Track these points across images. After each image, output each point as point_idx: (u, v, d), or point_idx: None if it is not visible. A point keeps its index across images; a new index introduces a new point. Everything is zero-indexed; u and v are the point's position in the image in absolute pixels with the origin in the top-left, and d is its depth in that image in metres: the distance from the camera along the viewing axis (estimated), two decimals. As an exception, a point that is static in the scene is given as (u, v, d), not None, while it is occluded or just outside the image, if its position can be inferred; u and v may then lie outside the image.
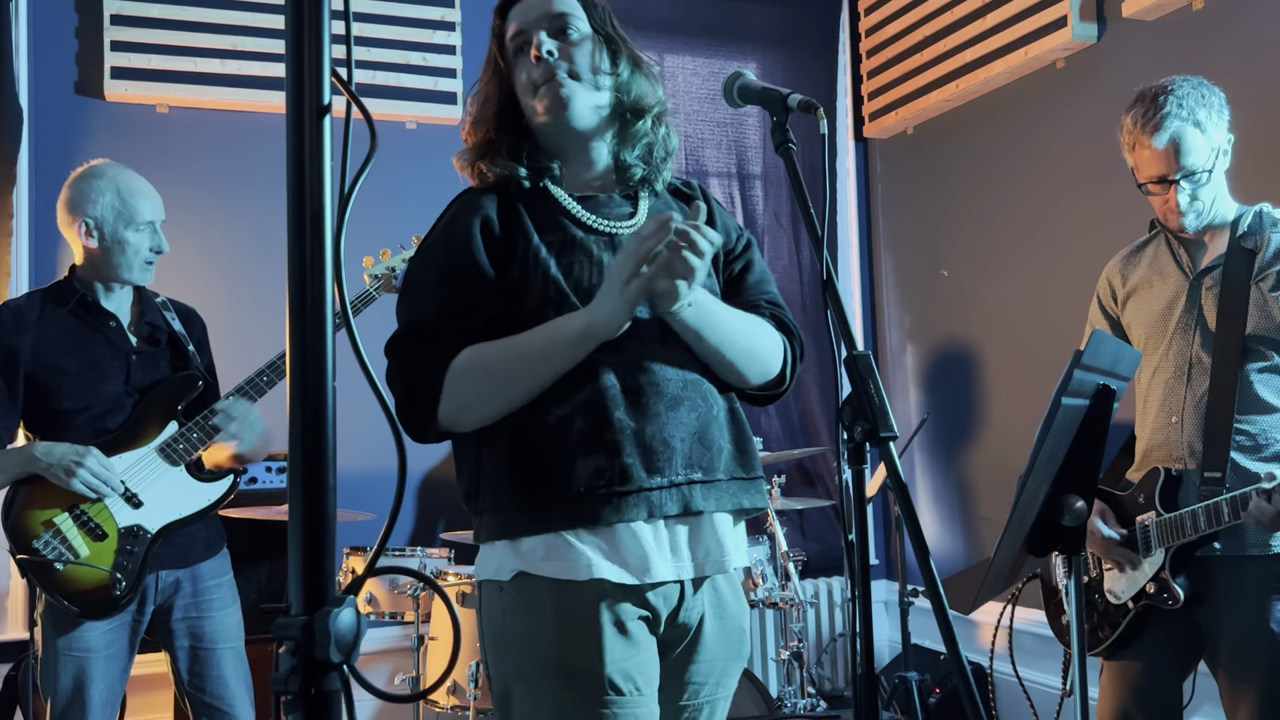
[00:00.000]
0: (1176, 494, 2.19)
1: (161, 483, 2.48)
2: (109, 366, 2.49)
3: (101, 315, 2.53)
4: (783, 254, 4.59)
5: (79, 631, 2.40)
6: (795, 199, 2.75)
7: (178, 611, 2.54)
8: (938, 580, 1.20)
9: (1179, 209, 2.17)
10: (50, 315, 2.49)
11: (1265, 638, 2.09)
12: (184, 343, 2.61)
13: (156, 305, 2.63)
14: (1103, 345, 1.68)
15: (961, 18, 3.98)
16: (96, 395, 2.47)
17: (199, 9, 3.70)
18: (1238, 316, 2.13)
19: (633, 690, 1.44)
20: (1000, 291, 3.99)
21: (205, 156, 3.73)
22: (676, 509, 1.48)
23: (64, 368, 2.45)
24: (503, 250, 1.53)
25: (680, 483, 1.48)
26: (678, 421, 1.49)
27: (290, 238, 0.84)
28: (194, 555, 2.56)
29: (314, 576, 0.82)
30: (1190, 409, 2.19)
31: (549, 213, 1.56)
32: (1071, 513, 1.68)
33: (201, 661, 2.54)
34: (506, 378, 1.46)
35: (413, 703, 3.32)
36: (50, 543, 2.37)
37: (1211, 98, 2.15)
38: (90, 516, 2.41)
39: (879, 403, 1.24)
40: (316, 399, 0.84)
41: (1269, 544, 2.11)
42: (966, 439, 4.23)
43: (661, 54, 4.47)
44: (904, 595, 3.62)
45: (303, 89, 0.84)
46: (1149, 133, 2.14)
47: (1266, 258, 2.14)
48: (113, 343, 2.52)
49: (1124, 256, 2.40)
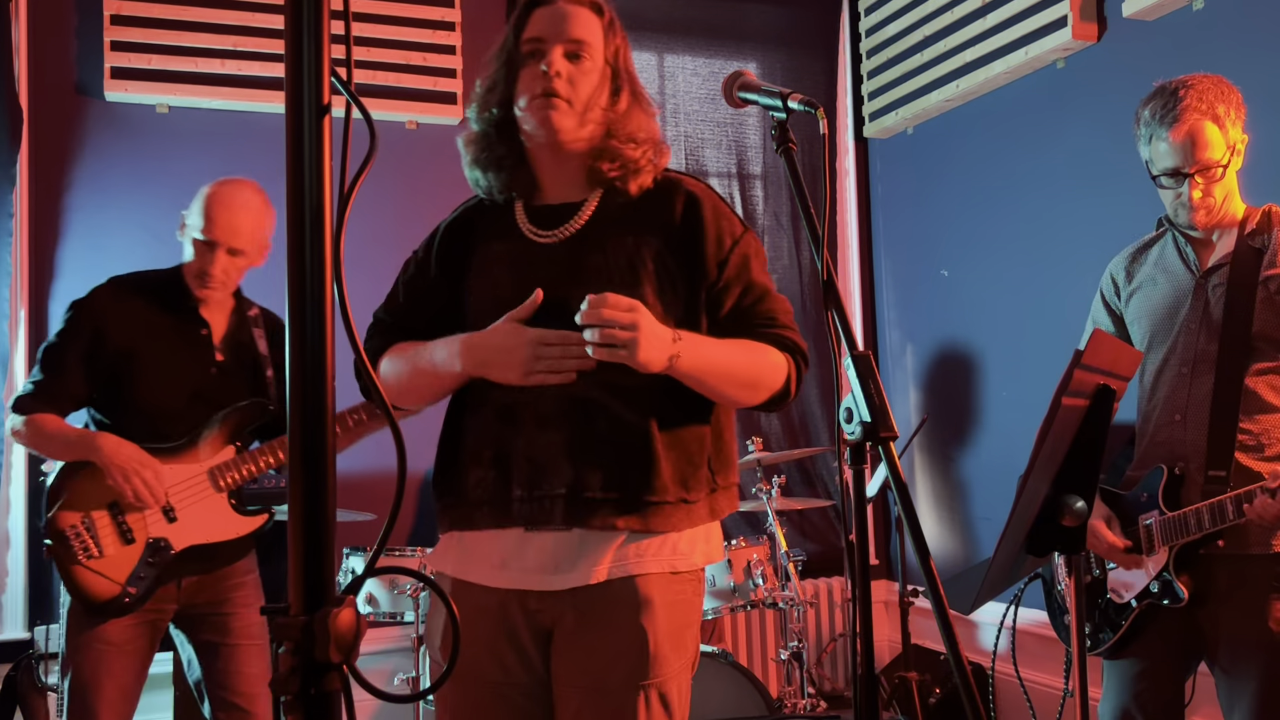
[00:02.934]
0: (1180, 493, 2.18)
1: (202, 505, 2.48)
2: (186, 373, 2.49)
3: (196, 322, 2.53)
4: (783, 254, 4.59)
5: (101, 625, 2.40)
6: (795, 199, 2.75)
7: (202, 608, 2.54)
8: (938, 580, 1.20)
9: (1190, 204, 2.15)
10: (148, 305, 2.50)
11: (1263, 636, 2.09)
12: (263, 365, 2.60)
13: (248, 320, 2.62)
14: (1103, 345, 1.68)
15: (961, 18, 3.98)
16: (166, 397, 2.47)
17: (199, 9, 3.69)
18: (1244, 316, 2.13)
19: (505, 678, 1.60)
20: (1000, 291, 3.99)
21: (205, 156, 3.73)
22: (543, 521, 1.56)
23: (144, 361, 2.45)
24: (457, 257, 1.70)
25: (541, 496, 1.56)
26: (546, 440, 1.56)
27: (290, 238, 0.84)
28: (219, 561, 2.55)
29: (314, 576, 0.82)
30: (1194, 407, 2.18)
31: (505, 225, 1.68)
32: (1071, 513, 1.68)
33: (224, 658, 2.53)
34: (402, 383, 1.68)
35: (413, 703, 3.32)
36: (81, 535, 2.38)
37: (1230, 94, 2.15)
38: (126, 520, 2.42)
39: (879, 403, 1.24)
40: (316, 399, 0.84)
41: (1270, 543, 2.11)
42: (966, 439, 4.23)
43: (661, 54, 4.47)
44: (904, 595, 3.62)
45: (303, 89, 0.84)
46: (1167, 125, 2.12)
47: (1273, 258, 2.14)
48: (197, 350, 2.52)
49: (1130, 253, 2.39)
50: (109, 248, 3.56)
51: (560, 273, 1.60)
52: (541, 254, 1.63)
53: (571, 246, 1.63)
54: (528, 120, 1.62)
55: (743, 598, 3.33)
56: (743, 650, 4.23)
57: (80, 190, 3.60)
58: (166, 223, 2.62)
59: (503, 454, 1.59)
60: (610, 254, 1.60)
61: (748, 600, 3.34)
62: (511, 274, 1.62)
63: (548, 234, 1.64)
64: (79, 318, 2.46)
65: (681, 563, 1.60)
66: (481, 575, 1.61)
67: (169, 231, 2.62)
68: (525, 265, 1.62)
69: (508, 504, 1.58)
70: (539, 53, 1.60)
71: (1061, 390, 1.59)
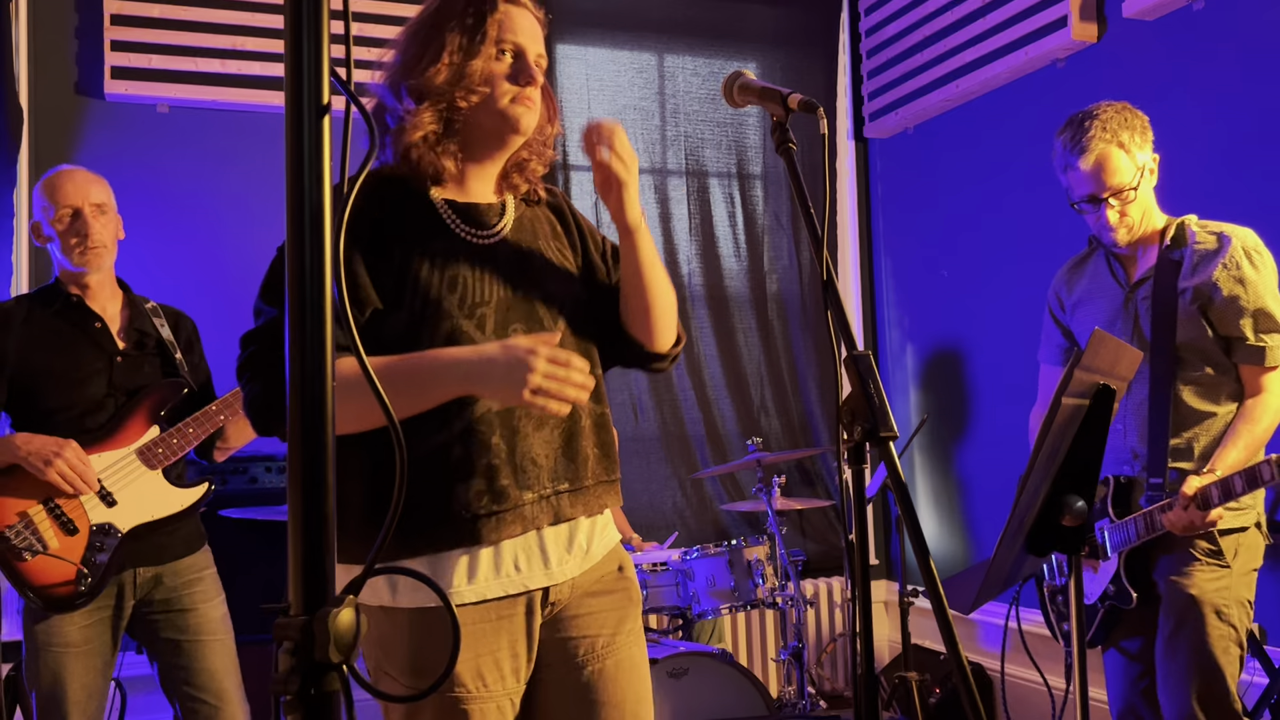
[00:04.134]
0: (1130, 499, 2.31)
1: (137, 485, 2.49)
2: (92, 368, 2.50)
3: (87, 316, 2.54)
4: (783, 254, 4.59)
5: (55, 625, 2.40)
6: (795, 199, 2.75)
7: (159, 606, 2.53)
8: (938, 580, 1.20)
9: (1109, 225, 2.29)
10: (37, 317, 2.51)
11: (1187, 604, 2.20)
12: (171, 349, 2.62)
13: (146, 311, 2.64)
14: (1103, 345, 1.68)
15: (961, 18, 3.98)
16: (79, 395, 2.48)
17: (199, 9, 3.70)
18: (1168, 327, 2.26)
19: (479, 687, 1.53)
20: (1000, 291, 3.99)
21: (205, 156, 3.73)
22: (549, 520, 1.58)
23: (47, 369, 2.46)
24: (380, 255, 1.54)
25: (548, 494, 1.58)
26: (544, 439, 1.58)
27: (290, 238, 0.84)
28: (171, 552, 2.55)
29: (314, 576, 0.82)
30: (1132, 417, 2.32)
31: (430, 222, 1.58)
32: (1072, 513, 1.68)
33: (187, 655, 2.53)
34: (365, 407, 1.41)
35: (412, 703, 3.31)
36: (21, 533, 2.38)
37: (1134, 120, 2.28)
38: (63, 511, 2.42)
39: (879, 403, 1.24)
40: (316, 399, 0.84)
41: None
42: (966, 439, 4.23)
43: (661, 54, 4.47)
44: (904, 595, 3.62)
45: (302, 89, 0.84)
46: (1077, 155, 2.28)
47: (1186, 270, 2.25)
48: (98, 344, 2.53)
49: (1067, 269, 2.55)
50: (109, 248, 3.55)
51: (510, 272, 1.61)
52: (478, 258, 1.59)
53: (508, 247, 1.63)
54: (496, 114, 1.58)
55: (743, 598, 3.33)
56: (743, 650, 4.23)
57: (80, 190, 3.60)
58: (167, 222, 2.61)
59: (505, 463, 1.54)
60: (544, 255, 1.67)
61: (748, 600, 3.34)
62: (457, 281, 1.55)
63: (479, 236, 1.61)
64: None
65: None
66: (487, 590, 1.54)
67: (170, 231, 2.62)
68: (468, 268, 1.57)
69: (517, 509, 1.54)
70: (517, 54, 1.60)
71: (1061, 390, 1.59)
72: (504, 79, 1.59)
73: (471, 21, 1.57)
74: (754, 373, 4.47)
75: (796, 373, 4.52)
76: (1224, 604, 2.19)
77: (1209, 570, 2.20)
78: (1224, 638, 2.18)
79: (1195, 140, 3.14)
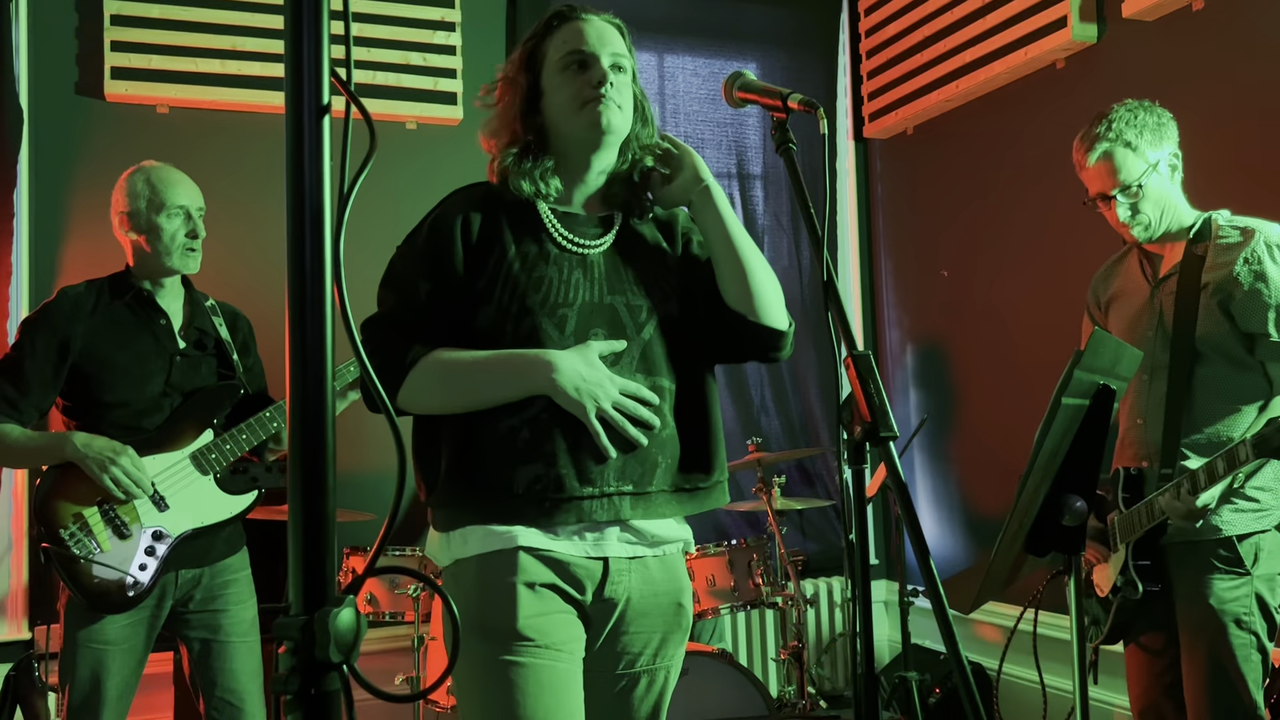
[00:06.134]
0: (1141, 491, 2.31)
1: (190, 490, 2.50)
2: (153, 365, 2.51)
3: (154, 311, 2.55)
4: (783, 254, 4.59)
5: (98, 624, 2.41)
6: (795, 199, 2.76)
7: (195, 605, 2.54)
8: (938, 580, 1.20)
9: (1122, 222, 2.31)
10: (105, 306, 2.52)
11: (1206, 616, 2.20)
12: (229, 350, 2.63)
13: (205, 310, 2.65)
14: (1103, 345, 1.68)
15: (961, 18, 3.98)
16: (137, 393, 2.48)
17: (199, 9, 3.70)
18: (1190, 322, 2.26)
19: (546, 645, 1.57)
20: (1000, 291, 3.99)
21: (205, 156, 3.72)
22: (606, 517, 1.61)
23: (111, 362, 2.47)
24: (476, 257, 1.66)
25: (611, 493, 1.61)
26: (612, 437, 1.61)
27: (290, 238, 0.84)
28: (214, 555, 2.56)
29: (314, 576, 0.82)
30: (1152, 411, 2.32)
31: (529, 227, 1.68)
32: (1071, 513, 1.68)
33: (215, 655, 2.54)
34: (462, 391, 1.62)
35: (412, 703, 3.32)
36: (76, 535, 2.39)
37: (1146, 118, 2.30)
38: (118, 514, 2.43)
39: (879, 403, 1.24)
40: (316, 399, 0.84)
41: (1218, 528, 2.21)
42: (966, 439, 4.22)
43: (661, 54, 4.47)
44: (904, 595, 3.62)
45: (302, 89, 0.84)
46: (1084, 154, 2.33)
47: (1208, 264, 2.26)
48: (160, 341, 2.54)
49: (1106, 268, 2.56)
50: (109, 248, 3.55)
51: (599, 280, 1.68)
52: (569, 264, 1.68)
53: (603, 259, 1.70)
54: (574, 123, 1.66)
55: (743, 598, 3.33)
56: (743, 650, 4.23)
57: (80, 190, 3.60)
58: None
59: (565, 453, 1.60)
60: (638, 270, 1.72)
61: (748, 600, 3.34)
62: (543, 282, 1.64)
63: (575, 244, 1.69)
64: (36, 333, 2.46)
65: None
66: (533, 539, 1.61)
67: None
68: (556, 272, 1.66)
69: (573, 500, 1.60)
70: (580, 64, 1.66)
71: (1061, 390, 1.59)
72: (575, 85, 1.66)
73: (533, 44, 1.71)
74: (754, 372, 4.47)
75: (796, 372, 4.52)
76: (1244, 612, 2.18)
77: (1226, 580, 2.20)
78: (1245, 645, 2.18)
79: (1195, 140, 3.13)
